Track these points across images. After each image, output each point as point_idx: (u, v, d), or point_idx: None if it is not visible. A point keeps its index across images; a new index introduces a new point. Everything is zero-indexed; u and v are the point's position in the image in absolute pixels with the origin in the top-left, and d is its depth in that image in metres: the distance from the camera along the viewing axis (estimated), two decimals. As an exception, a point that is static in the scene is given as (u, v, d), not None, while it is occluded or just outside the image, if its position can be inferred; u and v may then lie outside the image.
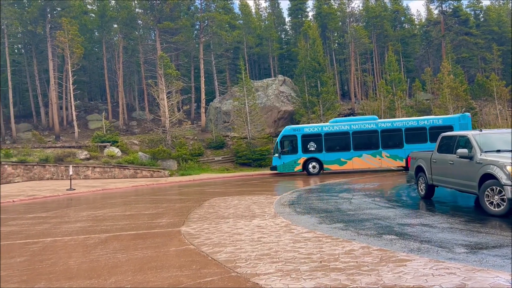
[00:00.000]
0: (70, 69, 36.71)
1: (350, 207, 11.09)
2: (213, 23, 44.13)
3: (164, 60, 34.97)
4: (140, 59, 47.10)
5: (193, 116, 47.25)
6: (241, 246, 7.18)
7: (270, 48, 54.16)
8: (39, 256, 7.35)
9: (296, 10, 55.84)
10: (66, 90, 42.10)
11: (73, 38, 35.86)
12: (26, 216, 12.87)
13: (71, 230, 9.90)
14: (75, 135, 36.54)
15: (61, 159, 27.94)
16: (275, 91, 41.38)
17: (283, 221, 9.38)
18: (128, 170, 27.90)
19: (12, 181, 26.06)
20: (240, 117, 34.79)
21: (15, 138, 38.97)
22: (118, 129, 41.74)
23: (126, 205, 14.46)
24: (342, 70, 58.56)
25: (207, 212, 11.43)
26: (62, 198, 18.41)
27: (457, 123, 23.55)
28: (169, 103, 34.94)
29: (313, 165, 24.48)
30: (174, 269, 6.08)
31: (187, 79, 46.58)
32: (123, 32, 46.24)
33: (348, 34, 50.69)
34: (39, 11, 40.17)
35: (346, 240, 7.22)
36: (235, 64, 50.71)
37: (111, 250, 7.50)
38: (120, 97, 45.86)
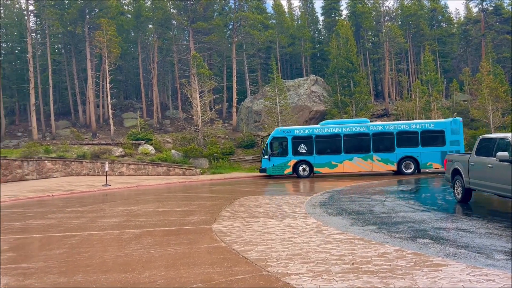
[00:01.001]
0: (107, 69, 37.77)
1: (383, 210, 10.88)
2: (246, 23, 44.32)
3: (197, 60, 35.40)
4: (174, 59, 47.89)
5: (224, 115, 47.64)
6: (271, 246, 7.18)
7: (302, 48, 53.84)
8: (76, 249, 7.62)
9: (329, 10, 55.25)
10: (103, 89, 43.41)
11: (110, 38, 36.87)
12: (64, 210, 13.35)
13: (107, 224, 10.20)
14: (111, 132, 37.56)
15: (98, 155, 28.80)
16: (307, 91, 41.11)
17: (314, 222, 9.32)
18: (161, 167, 28.43)
19: (51, 176, 27.09)
20: (271, 116, 34.75)
21: (54, 134, 40.50)
22: (152, 127, 42.62)
23: (159, 201, 14.75)
24: (376, 70, 57.49)
25: (237, 211, 11.50)
26: (98, 194, 18.98)
27: (448, 128, 23.27)
28: (202, 102, 35.34)
29: (303, 167, 23.95)
30: (206, 265, 6.16)
31: (219, 79, 47.01)
32: (158, 32, 47.15)
33: (382, 33, 49.71)
34: (79, 12, 41.56)
35: (379, 243, 7.10)
36: (267, 64, 50.75)
37: (145, 245, 7.68)
38: (154, 96, 46.81)
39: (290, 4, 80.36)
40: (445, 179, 13.24)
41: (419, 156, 23.33)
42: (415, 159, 23.34)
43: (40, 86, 43.20)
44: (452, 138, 23.26)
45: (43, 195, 18.04)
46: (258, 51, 49.79)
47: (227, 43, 49.15)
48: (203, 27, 42.30)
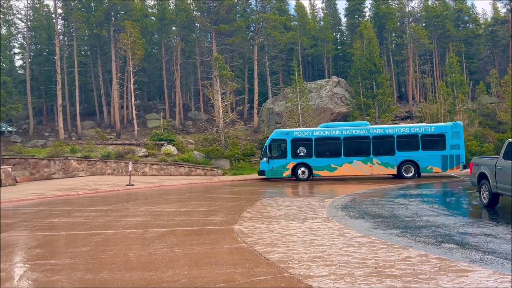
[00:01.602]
0: (132, 70, 38.41)
1: (406, 213, 10.73)
2: (267, 25, 44.38)
3: (219, 61, 35.64)
4: (197, 61, 48.32)
5: (246, 116, 47.77)
6: (293, 247, 7.18)
7: (324, 49, 53.52)
8: (101, 247, 7.78)
9: (353, 11, 54.74)
10: (127, 90, 44.16)
11: (135, 40, 37.50)
12: (90, 208, 13.65)
13: (131, 223, 10.38)
14: (135, 133, 38.17)
15: (121, 155, 29.31)
16: (329, 93, 40.84)
17: (336, 225, 9.26)
18: (183, 168, 28.73)
19: (77, 175, 27.72)
20: (293, 118, 34.67)
21: (80, 134, 41.43)
22: (174, 128, 43.11)
23: (181, 201, 14.91)
24: (400, 72, 56.64)
25: (259, 212, 11.53)
26: (121, 193, 19.33)
27: (449, 131, 23.02)
28: (223, 104, 35.55)
29: (303, 170, 23.63)
30: (228, 266, 6.20)
31: (241, 80, 47.18)
32: (181, 34, 47.68)
33: (406, 35, 48.94)
34: (104, 15, 42.44)
35: (403, 247, 7.01)
36: (288, 65, 50.63)
37: (168, 245, 7.78)
38: (177, 97, 47.34)
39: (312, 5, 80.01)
40: (470, 183, 12.95)
41: (419, 160, 23.00)
42: (415, 163, 23.01)
43: (66, 87, 44.28)
44: (453, 142, 22.95)
45: (69, 193, 18.48)
46: (280, 52, 49.74)
47: (249, 45, 49.27)
48: (226, 29, 42.58)
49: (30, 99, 43.55)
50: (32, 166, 27.33)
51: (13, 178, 23.86)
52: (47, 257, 7.16)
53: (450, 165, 23.00)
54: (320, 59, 57.29)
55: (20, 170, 26.85)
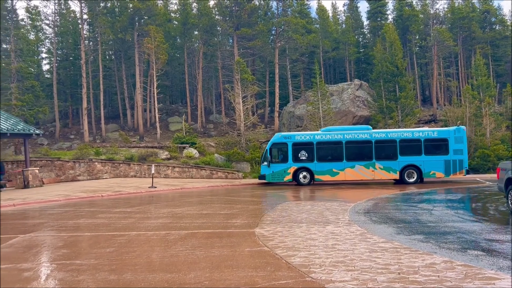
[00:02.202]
0: (155, 74, 38.99)
1: (430, 219, 10.52)
2: (289, 28, 44.37)
3: (241, 65, 35.80)
4: (218, 64, 48.68)
5: (266, 120, 47.81)
6: (315, 252, 7.14)
7: (346, 52, 53.13)
8: (125, 248, 7.91)
9: (375, 13, 54.19)
10: (150, 94, 44.85)
11: (158, 44, 38.06)
12: (113, 210, 13.89)
13: (153, 225, 10.51)
14: (157, 136, 38.69)
15: (144, 158, 29.74)
16: (351, 96, 40.49)
17: (358, 229, 9.16)
18: (205, 170, 28.93)
19: (101, 177, 28.26)
20: (314, 121, 34.50)
21: (104, 137, 42.25)
22: (196, 131, 43.49)
23: (202, 204, 15.02)
24: (424, 75, 55.70)
25: (280, 216, 11.51)
26: (144, 195, 19.60)
27: (452, 136, 22.61)
28: (244, 107, 35.68)
29: (304, 175, 23.26)
30: (249, 269, 6.21)
31: (262, 84, 47.27)
32: (203, 38, 48.14)
33: (431, 37, 48.14)
34: (129, 20, 43.25)
35: (427, 253, 6.88)
36: (310, 68, 50.48)
37: (190, 247, 7.85)
38: (199, 101, 47.77)
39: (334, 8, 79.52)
40: (498, 189, 12.62)
41: (422, 164, 22.56)
42: (418, 168, 22.58)
43: (91, 91, 45.26)
44: (456, 147, 22.53)
45: (93, 195, 18.85)
46: (301, 55, 49.65)
47: (270, 48, 49.36)
48: (247, 33, 42.75)
49: (56, 102, 44.70)
50: (58, 168, 28.02)
51: (40, 179, 24.50)
52: (72, 258, 7.33)
53: (453, 170, 22.61)
54: (342, 62, 56.92)
55: (47, 172, 27.56)
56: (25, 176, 23.24)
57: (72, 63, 50.10)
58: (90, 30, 49.49)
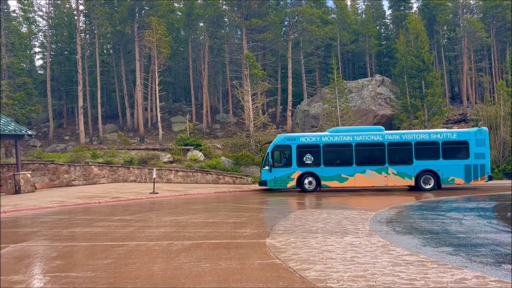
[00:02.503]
0: (156, 70, 39.23)
1: (460, 229, 10.43)
2: (303, 19, 44.35)
3: (250, 59, 35.88)
4: (225, 59, 48.85)
5: (278, 119, 47.82)
6: (332, 265, 7.11)
7: (366, 45, 52.94)
8: (124, 260, 7.96)
9: (398, 2, 53.92)
10: (151, 91, 45.16)
11: (160, 37, 38.30)
12: (111, 218, 13.99)
13: (155, 235, 10.57)
14: (159, 137, 38.93)
15: (145, 161, 29.93)
16: (372, 93, 40.32)
17: (380, 241, 9.11)
18: (211, 175, 29.02)
19: (98, 182, 28.50)
20: (331, 121, 34.42)
21: (101, 138, 42.63)
22: (201, 132, 43.67)
23: (208, 212, 15.06)
24: (452, 69, 55.27)
25: (293, 225, 11.49)
26: (145, 202, 19.72)
27: (473, 138, 22.33)
28: (254, 106, 35.74)
29: (309, 180, 22.97)
30: (260, 283, 6.21)
31: (273, 80, 47.32)
32: (209, 30, 48.34)
33: (460, 28, 47.74)
34: (128, 11, 43.63)
35: (456, 267, 6.81)
36: (326, 63, 50.42)
37: (194, 258, 7.88)
38: (204, 99, 47.97)
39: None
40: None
41: (439, 170, 22.27)
42: (435, 173, 22.31)
43: (88, 88, 45.75)
44: (477, 151, 22.24)
45: (89, 201, 19.02)
46: (316, 49, 49.60)
47: (282, 41, 49.41)
48: (257, 24, 42.82)
49: (50, 100, 45.23)
50: (51, 172, 28.31)
51: (32, 184, 24.79)
52: (67, 270, 7.40)
53: (474, 176, 22.30)
54: (362, 55, 56.72)
55: (39, 176, 27.87)
56: (16, 180, 23.52)
57: (67, 58, 50.68)
58: (87, 22, 50.01)
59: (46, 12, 50.17)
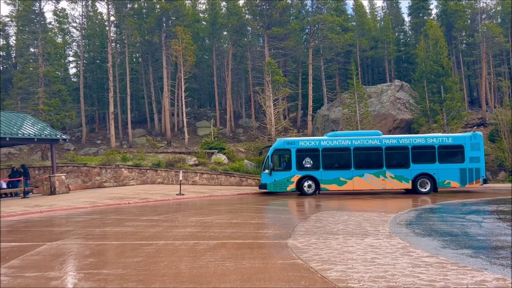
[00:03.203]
0: (183, 77, 39.67)
1: (480, 232, 10.19)
2: (323, 26, 44.18)
3: (272, 66, 35.90)
4: (248, 66, 49.01)
5: (299, 124, 47.67)
6: (352, 266, 7.05)
7: (386, 51, 52.39)
8: (153, 258, 8.06)
9: (417, 9, 53.21)
10: (178, 97, 45.64)
11: (186, 46, 38.73)
12: (140, 218, 14.18)
13: (181, 234, 10.67)
14: (185, 141, 39.28)
15: (172, 164, 30.24)
16: (391, 98, 39.83)
17: (400, 242, 8.98)
18: (234, 177, 29.12)
19: (127, 184, 28.93)
20: (350, 125, 34.14)
21: (131, 142, 43.27)
22: (225, 136, 43.88)
23: (232, 213, 15.11)
24: (471, 74, 54.13)
25: (314, 226, 11.43)
26: (172, 203, 19.91)
27: (468, 143, 22.28)
28: (275, 111, 35.72)
29: (309, 184, 22.60)
30: (282, 282, 6.20)
31: (294, 86, 47.22)
32: (232, 39, 48.65)
33: (479, 33, 46.74)
34: (156, 21, 44.26)
35: (476, 269, 6.67)
36: (345, 69, 50.03)
37: (219, 258, 7.92)
38: (228, 104, 48.20)
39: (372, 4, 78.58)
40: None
41: (436, 173, 22.02)
42: (431, 177, 22.04)
43: (118, 94, 46.53)
44: (472, 154, 22.09)
45: (120, 202, 19.32)
46: (336, 55, 49.30)
47: (303, 48, 49.31)
48: (279, 32, 42.87)
49: (83, 107, 46.19)
50: (84, 174, 28.90)
51: (66, 186, 25.33)
52: (99, 267, 7.53)
53: (470, 179, 22.10)
54: (381, 61, 56.15)
55: (73, 178, 28.48)
56: (51, 182, 24.08)
57: (99, 67, 51.70)
58: (117, 32, 50.98)
59: (80, 23, 51.41)
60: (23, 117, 25.69)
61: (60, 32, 53.45)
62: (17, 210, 16.57)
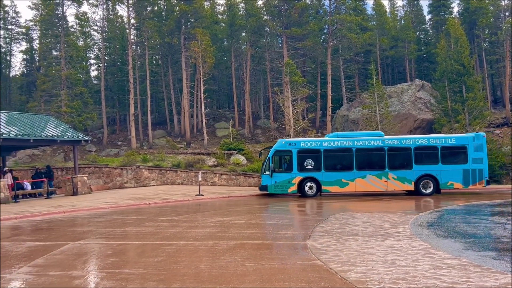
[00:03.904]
0: (202, 78, 39.96)
1: (504, 234, 9.98)
2: (342, 26, 43.92)
3: (290, 67, 35.84)
4: (266, 67, 49.04)
5: (318, 124, 47.44)
6: (372, 267, 6.99)
7: (406, 50, 51.73)
8: (173, 258, 8.14)
9: (437, 7, 52.38)
10: (197, 99, 45.98)
11: (205, 48, 39.01)
12: (161, 218, 14.34)
13: (201, 235, 10.74)
14: (204, 142, 39.53)
15: (191, 165, 30.47)
16: (411, 97, 39.31)
17: (421, 244, 8.86)
18: (253, 178, 29.15)
19: (148, 184, 29.26)
20: (370, 126, 33.82)
21: (151, 144, 43.76)
22: (243, 137, 43.99)
23: (251, 213, 15.15)
24: (494, 73, 53.02)
25: (333, 227, 11.36)
26: (191, 203, 20.06)
27: (471, 143, 21.96)
28: (294, 111, 35.64)
29: (310, 185, 22.20)
30: (302, 283, 6.19)
31: (312, 86, 47.03)
32: (251, 40, 48.77)
33: (502, 31, 45.77)
34: (175, 23, 44.71)
35: (500, 272, 6.53)
36: (365, 68, 49.60)
37: (238, 258, 7.95)
38: (246, 105, 48.34)
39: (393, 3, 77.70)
40: None
41: (438, 174, 21.63)
42: (434, 178, 21.66)
43: (139, 96, 47.13)
44: (475, 155, 21.72)
45: (140, 203, 19.56)
46: (355, 55, 48.92)
47: (321, 48, 49.07)
48: (297, 32, 42.79)
49: (104, 108, 46.91)
50: (105, 175, 29.35)
51: (88, 186, 25.76)
52: (121, 266, 7.65)
53: (473, 180, 21.71)
54: (401, 61, 55.47)
55: (95, 179, 28.95)
56: (74, 183, 24.53)
57: (120, 69, 52.43)
58: (137, 35, 51.63)
59: (101, 27, 52.24)
60: (47, 119, 26.22)
61: (81, 36, 54.45)
62: (40, 210, 16.94)
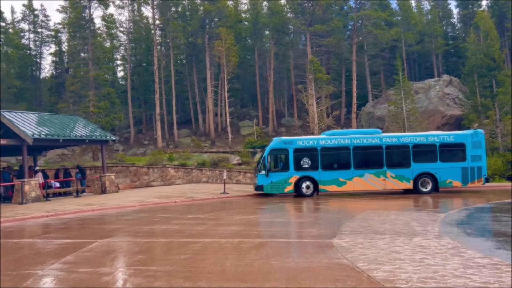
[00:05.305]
0: (226, 77, 40.18)
1: (537, 232, 9.66)
2: (368, 22, 43.38)
3: (314, 64, 35.63)
4: (290, 65, 48.89)
5: (342, 122, 47.01)
6: (400, 266, 6.88)
7: (433, 45, 50.66)
8: (199, 255, 8.22)
9: (466, 1, 51.16)
10: (221, 98, 46.28)
11: (229, 47, 39.20)
12: (187, 216, 14.49)
13: (227, 232, 10.80)
14: (229, 140, 39.74)
15: (216, 163, 30.68)
16: (439, 93, 38.49)
17: (450, 243, 8.67)
18: (277, 176, 29.11)
19: (174, 183, 29.62)
20: (397, 123, 33.29)
21: (176, 143, 44.27)
22: (267, 135, 43.97)
23: (275, 211, 15.15)
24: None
25: (360, 226, 11.24)
26: (216, 201, 20.21)
27: (469, 141, 21.47)
28: (318, 109, 35.42)
29: (307, 185, 21.49)
30: (328, 282, 6.15)
31: (337, 83, 46.63)
32: (274, 38, 48.70)
33: (534, 23, 44.34)
34: (199, 23, 45.07)
35: (534, 272, 6.32)
36: (391, 64, 48.84)
37: (264, 256, 7.96)
38: (270, 103, 48.32)
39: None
40: None
41: (437, 172, 21.04)
42: (433, 176, 21.08)
43: (164, 96, 47.70)
44: (474, 153, 21.17)
45: (167, 201, 19.82)
46: (381, 51, 48.23)
47: (346, 45, 48.60)
48: (321, 29, 42.49)
49: (131, 108, 47.72)
50: (133, 174, 29.85)
51: (116, 185, 26.26)
52: (148, 263, 7.76)
53: (471, 178, 21.15)
54: (428, 56, 54.37)
55: (122, 178, 29.48)
56: (102, 182, 25.03)
57: (145, 69, 53.19)
58: (162, 35, 52.25)
59: (127, 28, 53.09)
60: (75, 120, 26.85)
61: (108, 37, 55.37)
62: (70, 208, 17.36)
